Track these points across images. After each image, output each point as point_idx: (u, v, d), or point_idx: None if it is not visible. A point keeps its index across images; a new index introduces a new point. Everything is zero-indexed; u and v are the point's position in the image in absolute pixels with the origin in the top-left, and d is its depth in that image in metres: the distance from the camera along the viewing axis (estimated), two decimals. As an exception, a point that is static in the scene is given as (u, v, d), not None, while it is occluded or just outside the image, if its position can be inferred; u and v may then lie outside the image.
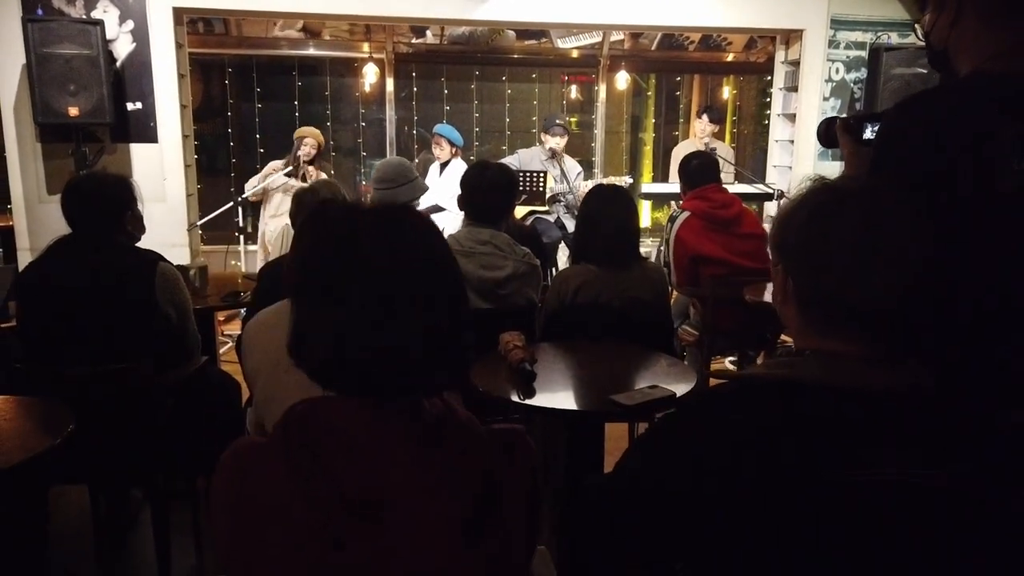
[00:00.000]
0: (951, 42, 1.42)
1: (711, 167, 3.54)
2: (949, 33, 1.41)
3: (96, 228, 2.17)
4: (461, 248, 2.48)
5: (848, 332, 1.00)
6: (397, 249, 0.94)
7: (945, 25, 1.42)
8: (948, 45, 1.44)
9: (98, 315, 2.06)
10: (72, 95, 4.23)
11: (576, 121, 6.97)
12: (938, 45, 1.47)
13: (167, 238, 4.79)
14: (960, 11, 1.39)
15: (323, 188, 2.45)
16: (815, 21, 5.36)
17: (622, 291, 2.45)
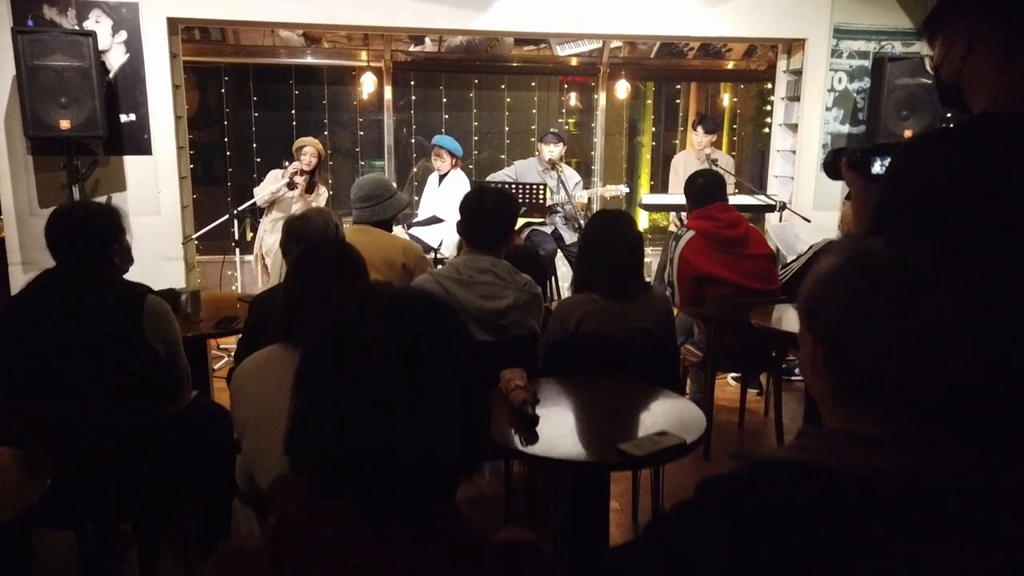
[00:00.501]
0: (963, 77, 1.37)
1: (717, 185, 3.47)
2: (961, 67, 1.36)
3: (82, 262, 2.09)
4: (460, 277, 2.41)
5: (886, 414, 0.93)
6: (407, 339, 0.87)
7: (956, 59, 1.37)
8: (960, 80, 1.39)
9: (83, 353, 1.99)
10: (64, 107, 4.15)
11: (575, 122, 6.89)
12: (949, 80, 1.42)
13: (161, 251, 4.73)
14: (972, 44, 1.34)
15: (315, 217, 2.37)
16: (817, 30, 5.30)
17: (626, 321, 2.39)
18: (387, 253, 3.12)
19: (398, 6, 4.75)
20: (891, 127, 5.10)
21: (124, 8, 4.44)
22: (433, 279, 2.44)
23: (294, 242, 2.31)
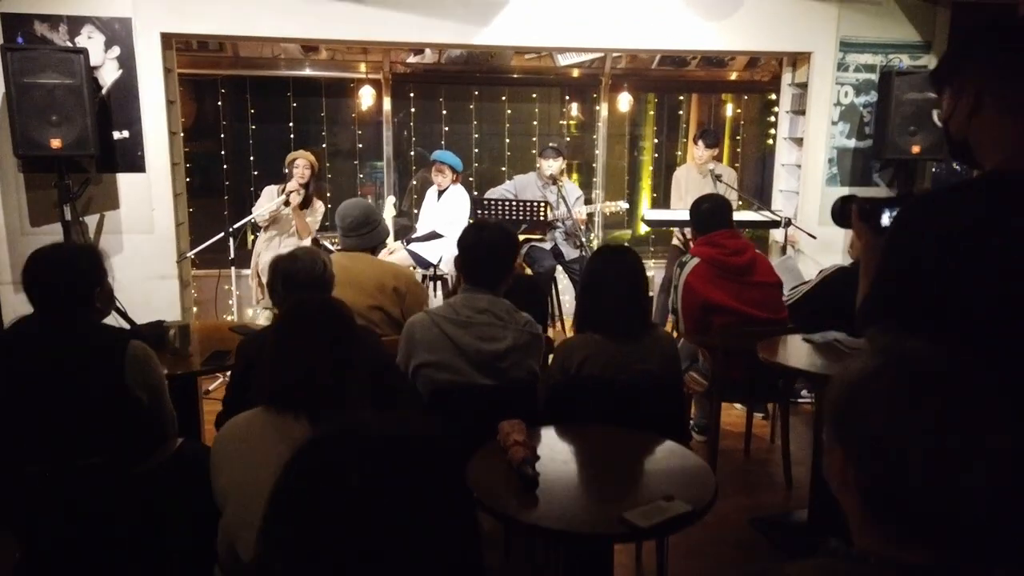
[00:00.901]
0: (971, 133, 1.34)
1: (723, 211, 3.38)
2: (969, 124, 1.34)
3: (61, 309, 2.00)
4: (457, 317, 2.32)
5: (925, 539, 0.84)
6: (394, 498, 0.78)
7: (964, 114, 1.34)
8: (968, 136, 1.35)
9: (60, 406, 1.90)
10: (55, 126, 4.07)
11: (576, 124, 6.79)
12: (957, 135, 1.38)
13: (155, 270, 4.65)
14: (980, 100, 1.31)
15: (303, 255, 2.28)
16: (823, 44, 5.20)
17: (630, 364, 2.30)
18: (379, 278, 3.04)
19: (398, 21, 4.66)
20: (898, 142, 5.01)
21: (117, 24, 4.36)
22: (429, 319, 2.35)
23: (281, 282, 2.22)
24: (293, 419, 1.55)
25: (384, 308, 3.02)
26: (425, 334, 2.32)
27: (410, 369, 2.34)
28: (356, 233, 3.08)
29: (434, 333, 2.31)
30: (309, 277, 2.21)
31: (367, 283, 2.99)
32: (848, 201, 1.62)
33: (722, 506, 1.92)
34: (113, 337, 2.06)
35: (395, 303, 3.04)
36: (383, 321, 3.04)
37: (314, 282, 2.21)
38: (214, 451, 1.57)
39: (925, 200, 1.39)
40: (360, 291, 2.97)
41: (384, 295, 3.01)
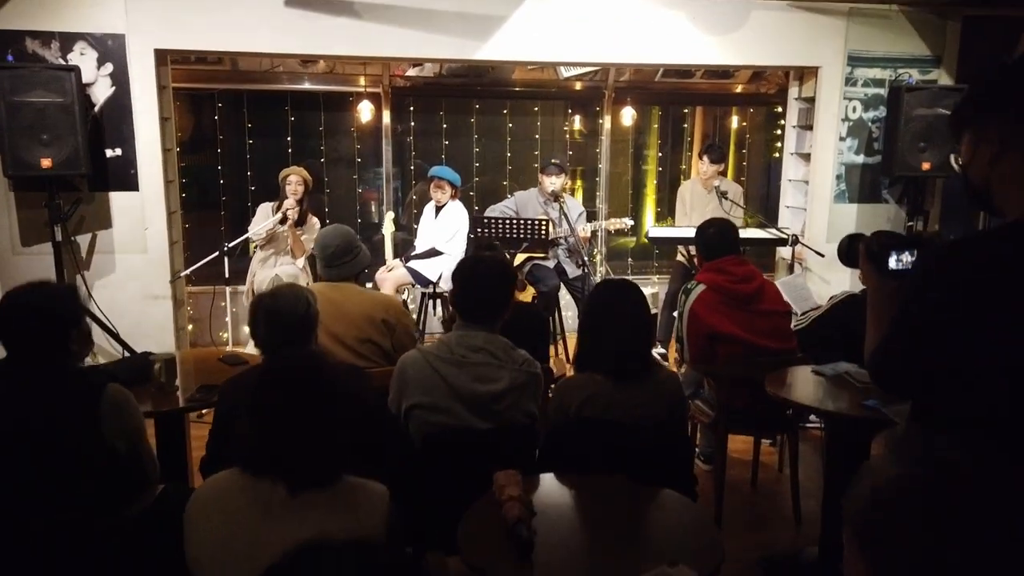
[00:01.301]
0: (993, 180, 1.30)
1: (729, 236, 3.27)
2: (990, 171, 1.29)
3: (36, 355, 1.90)
4: (452, 356, 2.21)
5: None
6: None
7: (985, 160, 1.29)
8: (990, 183, 1.30)
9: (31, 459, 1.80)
10: (45, 145, 3.99)
11: (579, 133, 6.68)
12: (978, 182, 1.33)
13: (148, 290, 4.56)
14: (1004, 146, 1.26)
15: (286, 293, 2.15)
16: (831, 58, 5.10)
17: (632, 407, 2.18)
18: (368, 310, 2.94)
19: (397, 36, 4.58)
20: (908, 159, 4.90)
21: (110, 40, 4.28)
22: (422, 358, 2.24)
23: (263, 322, 2.10)
24: (271, 484, 1.45)
25: (374, 340, 2.92)
26: (418, 374, 2.22)
27: (402, 410, 2.24)
28: (340, 262, 2.96)
29: (427, 373, 2.21)
30: (292, 317, 2.10)
31: (356, 316, 2.89)
32: (856, 240, 1.58)
33: (729, 544, 1.81)
34: (88, 383, 1.96)
35: (385, 335, 2.94)
36: (374, 353, 2.93)
37: (297, 322, 2.10)
38: (186, 519, 1.47)
39: (949, 251, 1.32)
40: (349, 324, 2.87)
41: (373, 327, 2.91)
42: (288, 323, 2.09)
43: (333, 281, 2.97)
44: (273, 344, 2.11)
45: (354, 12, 4.51)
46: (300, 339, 2.13)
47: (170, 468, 2.69)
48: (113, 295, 4.50)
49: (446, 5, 4.59)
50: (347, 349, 2.89)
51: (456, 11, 4.61)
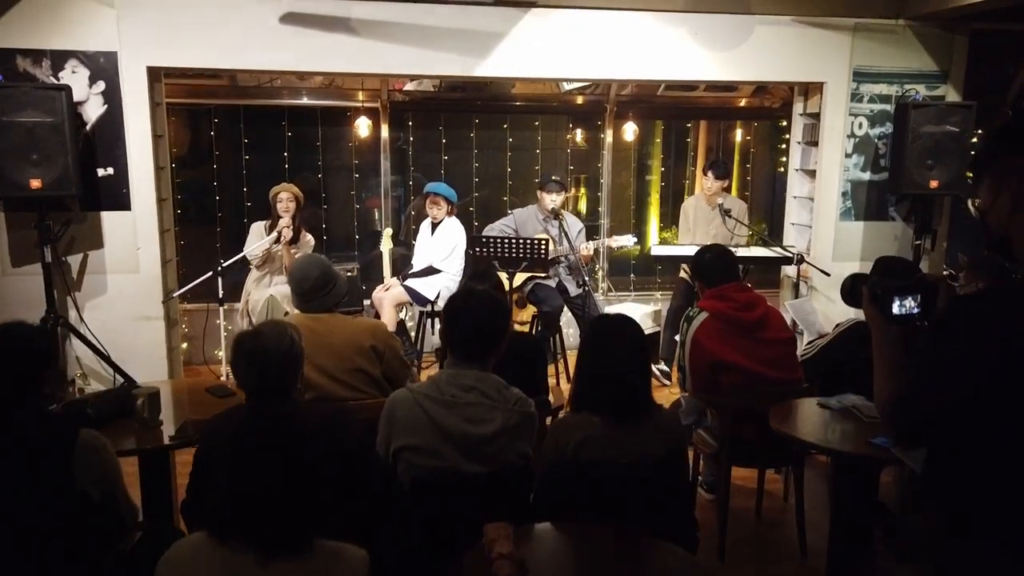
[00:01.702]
0: (1013, 229, 1.28)
1: (728, 263, 3.18)
2: (1010, 220, 1.27)
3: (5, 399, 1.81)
4: (442, 397, 2.12)
5: None
6: None
7: (1005, 208, 1.27)
8: (1010, 231, 1.29)
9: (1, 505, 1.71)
10: (35, 165, 3.92)
11: (582, 143, 6.60)
12: (997, 230, 1.31)
13: (140, 311, 4.48)
14: (1020, 199, 1.24)
15: (268, 332, 2.06)
16: (836, 73, 5.01)
17: (631, 449, 2.09)
18: (355, 339, 2.84)
19: (393, 53, 4.50)
20: (915, 176, 4.80)
21: (102, 58, 4.21)
22: (411, 398, 2.15)
23: (244, 361, 2.01)
24: (241, 551, 1.35)
25: (364, 369, 2.83)
26: (406, 415, 2.13)
27: (391, 452, 2.14)
28: (321, 294, 2.85)
29: (416, 413, 2.12)
30: (275, 355, 2.00)
31: (343, 346, 2.80)
32: (859, 280, 1.57)
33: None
34: (61, 429, 1.87)
35: (374, 363, 2.85)
36: (364, 383, 2.84)
37: (281, 362, 2.01)
38: (157, 574, 1.37)
39: (971, 308, 1.30)
40: (337, 356, 2.78)
41: (363, 356, 2.82)
42: (271, 362, 2.00)
43: (314, 312, 2.87)
44: (255, 386, 2.01)
45: (350, 28, 4.44)
46: (284, 380, 2.03)
47: (154, 506, 2.62)
48: (104, 316, 4.42)
49: (444, 21, 4.52)
50: (335, 382, 2.80)
51: (454, 27, 4.53)
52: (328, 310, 2.91)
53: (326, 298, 2.87)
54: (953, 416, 1.27)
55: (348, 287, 3.07)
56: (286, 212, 4.84)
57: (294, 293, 2.90)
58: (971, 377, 1.23)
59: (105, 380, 4.45)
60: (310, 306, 2.87)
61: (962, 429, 1.27)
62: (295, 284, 2.87)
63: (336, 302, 2.93)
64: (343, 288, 2.95)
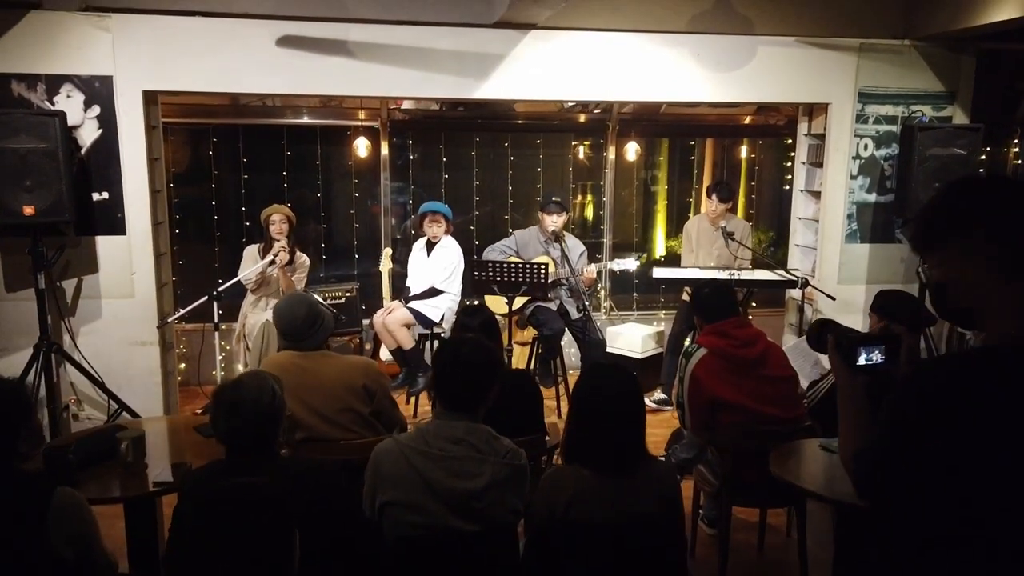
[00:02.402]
0: (962, 302, 1.30)
1: (727, 298, 3.11)
2: (971, 295, 1.29)
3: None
4: (429, 450, 2.06)
5: None
6: None
7: (955, 283, 1.30)
8: (972, 305, 1.30)
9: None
10: (28, 191, 3.88)
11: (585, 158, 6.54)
12: (956, 303, 1.32)
13: (135, 336, 4.44)
14: (974, 270, 1.26)
15: (249, 382, 1.99)
16: (841, 94, 4.94)
17: (624, 505, 2.01)
18: (346, 378, 2.79)
19: (391, 75, 4.46)
20: (922, 199, 4.70)
21: (97, 82, 4.17)
22: (398, 449, 2.08)
23: (224, 414, 1.94)
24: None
25: (355, 409, 2.77)
26: (392, 468, 2.06)
27: (376, 506, 2.08)
28: (309, 333, 2.80)
29: (402, 467, 2.05)
30: (255, 411, 1.94)
31: (333, 385, 2.74)
32: (826, 327, 1.56)
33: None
34: (34, 487, 1.81)
35: (365, 402, 2.79)
36: (354, 423, 2.78)
37: (260, 416, 1.95)
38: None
39: (930, 374, 1.30)
40: (328, 395, 2.72)
41: (354, 395, 2.76)
42: (250, 420, 1.94)
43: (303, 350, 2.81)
44: (234, 442, 1.95)
45: (347, 51, 4.39)
46: (263, 436, 1.97)
47: (139, 553, 2.56)
48: (99, 341, 4.38)
49: (443, 43, 4.47)
50: (325, 421, 2.74)
51: (452, 50, 4.48)
52: (317, 347, 2.85)
53: (314, 337, 2.81)
54: (903, 481, 1.29)
55: (335, 323, 3.01)
56: (279, 234, 4.80)
57: (281, 334, 2.85)
58: (918, 447, 1.24)
59: (99, 406, 4.41)
60: (299, 346, 2.81)
61: (910, 495, 1.29)
62: (283, 325, 2.81)
63: (324, 338, 2.88)
64: (330, 325, 2.90)
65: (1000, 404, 1.19)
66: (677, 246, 6.51)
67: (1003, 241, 1.23)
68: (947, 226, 1.29)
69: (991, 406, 1.19)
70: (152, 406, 4.42)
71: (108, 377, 4.32)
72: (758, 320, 6.27)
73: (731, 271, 4.93)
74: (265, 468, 1.89)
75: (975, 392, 1.21)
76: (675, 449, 3.60)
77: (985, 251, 1.24)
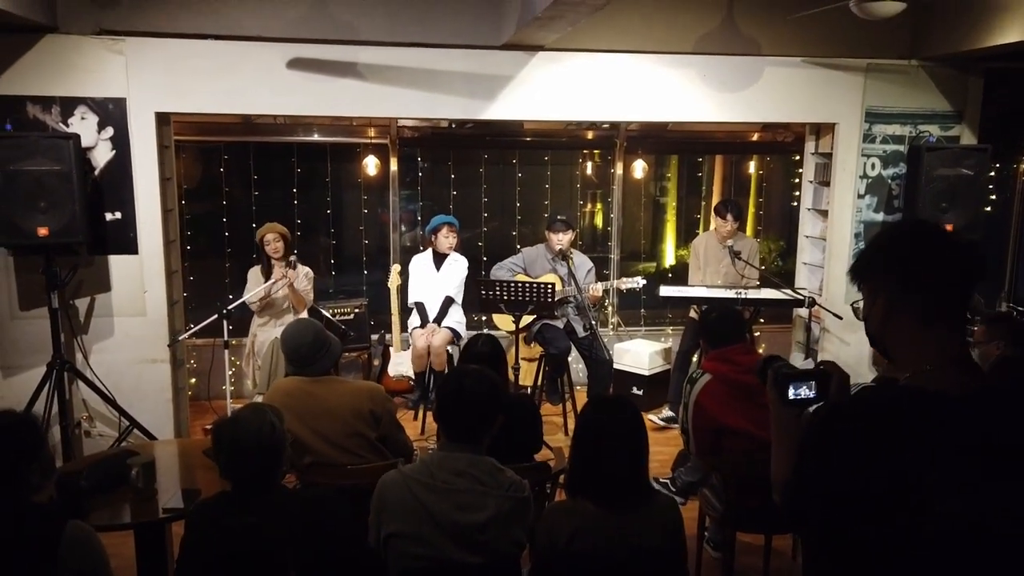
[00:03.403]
0: (886, 338, 1.38)
1: (733, 324, 3.13)
2: (883, 330, 1.37)
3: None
4: (433, 482, 2.08)
5: None
6: None
7: (877, 320, 1.38)
8: (885, 338, 1.38)
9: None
10: (42, 212, 3.94)
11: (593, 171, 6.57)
12: (874, 332, 1.40)
13: (146, 354, 4.49)
14: (892, 307, 1.34)
15: (248, 417, 2.02)
16: (848, 114, 4.95)
17: (627, 538, 2.04)
18: (354, 403, 2.82)
19: (400, 97, 4.50)
20: (930, 219, 4.71)
21: (111, 104, 4.24)
22: (403, 481, 2.11)
23: (225, 450, 1.98)
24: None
25: (362, 433, 2.80)
26: (397, 500, 2.09)
27: (381, 538, 2.11)
28: (315, 359, 2.84)
29: (406, 499, 2.08)
30: (255, 444, 1.97)
31: (341, 410, 2.77)
32: (770, 362, 1.62)
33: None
34: (47, 521, 1.84)
35: (372, 427, 2.82)
36: (362, 447, 2.82)
37: (260, 452, 1.98)
38: None
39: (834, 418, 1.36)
40: (336, 420, 2.75)
41: (361, 420, 2.79)
42: (251, 456, 1.97)
43: (312, 375, 2.85)
44: (236, 477, 1.99)
45: (357, 73, 4.44)
46: (265, 471, 2.00)
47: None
48: (111, 359, 4.43)
49: (452, 65, 4.51)
50: (332, 446, 2.77)
51: (461, 71, 4.53)
52: (324, 372, 2.89)
53: (320, 362, 2.84)
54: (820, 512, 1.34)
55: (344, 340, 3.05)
56: (276, 253, 4.86)
57: (289, 361, 2.88)
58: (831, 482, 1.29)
59: (110, 423, 4.46)
60: (306, 371, 2.84)
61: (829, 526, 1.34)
62: (289, 352, 2.85)
63: (332, 364, 2.91)
64: (337, 350, 2.93)
65: (898, 440, 1.24)
66: (686, 255, 6.53)
67: (914, 290, 1.31)
68: (872, 267, 1.37)
69: (890, 441, 1.24)
70: (163, 423, 4.47)
71: (119, 394, 4.37)
72: (765, 336, 6.28)
73: (738, 290, 4.94)
74: (268, 502, 1.92)
75: (876, 428, 1.26)
76: (680, 472, 3.61)
77: (900, 296, 1.32)
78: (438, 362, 5.01)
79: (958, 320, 1.32)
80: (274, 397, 2.82)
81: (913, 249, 1.33)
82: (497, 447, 2.23)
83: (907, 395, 1.28)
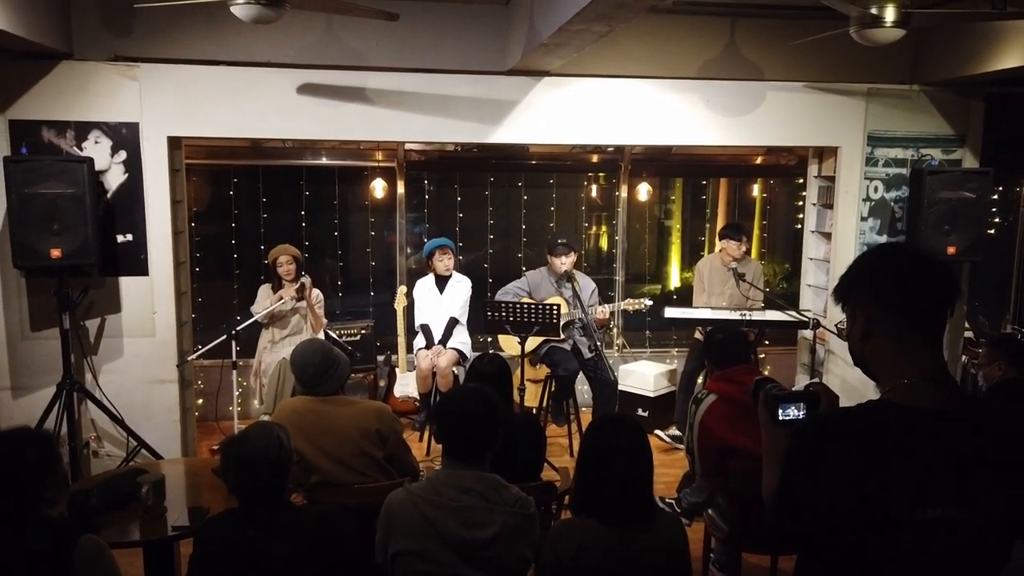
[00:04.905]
0: (866, 356, 1.42)
1: (739, 344, 3.15)
2: (863, 347, 1.41)
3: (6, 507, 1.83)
4: (440, 500, 2.10)
5: None
6: None
7: (857, 339, 1.42)
8: (865, 356, 1.42)
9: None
10: (55, 235, 4.00)
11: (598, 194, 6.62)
12: (855, 351, 1.44)
13: (155, 374, 4.53)
14: (870, 328, 1.38)
15: (255, 436, 2.05)
16: (850, 138, 5.01)
17: (632, 556, 2.05)
18: (361, 423, 2.85)
19: (407, 121, 4.58)
20: (933, 242, 4.74)
21: (124, 128, 4.32)
22: (409, 499, 2.13)
23: (232, 468, 2.01)
24: None
25: (369, 453, 2.83)
26: (404, 518, 2.11)
27: (388, 556, 2.12)
28: (324, 379, 2.87)
29: (414, 517, 2.10)
30: (263, 460, 2.00)
31: (348, 430, 2.80)
32: (761, 383, 1.66)
33: None
34: (60, 535, 1.87)
35: (379, 446, 2.85)
36: (369, 466, 2.84)
37: (268, 469, 2.01)
38: None
39: (820, 425, 1.41)
40: (343, 439, 2.78)
41: (368, 440, 2.82)
42: (259, 466, 2.00)
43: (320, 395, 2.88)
44: (243, 494, 2.02)
45: (366, 98, 4.52)
46: (273, 488, 2.03)
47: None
48: (120, 379, 4.48)
49: (459, 90, 4.59)
50: (339, 465, 2.79)
51: (468, 96, 4.60)
52: (333, 392, 2.92)
53: (330, 382, 2.88)
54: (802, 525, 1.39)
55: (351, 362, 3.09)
56: (288, 275, 4.92)
57: (298, 380, 2.92)
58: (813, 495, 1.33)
59: (119, 443, 4.49)
60: (314, 391, 2.88)
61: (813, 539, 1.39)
62: (298, 372, 2.88)
63: (340, 384, 2.94)
64: (346, 371, 2.96)
65: (881, 456, 1.27)
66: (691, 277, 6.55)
67: (889, 309, 1.35)
68: (850, 287, 1.42)
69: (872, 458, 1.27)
70: (170, 443, 4.50)
71: (128, 414, 4.40)
72: (771, 359, 6.28)
73: (743, 311, 4.96)
74: (276, 519, 1.94)
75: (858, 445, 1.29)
76: (685, 493, 3.61)
77: (877, 315, 1.36)
78: (444, 383, 5.03)
79: (933, 336, 1.36)
80: (282, 416, 2.85)
81: (885, 270, 1.38)
82: (500, 465, 2.26)
83: (880, 409, 1.33)
